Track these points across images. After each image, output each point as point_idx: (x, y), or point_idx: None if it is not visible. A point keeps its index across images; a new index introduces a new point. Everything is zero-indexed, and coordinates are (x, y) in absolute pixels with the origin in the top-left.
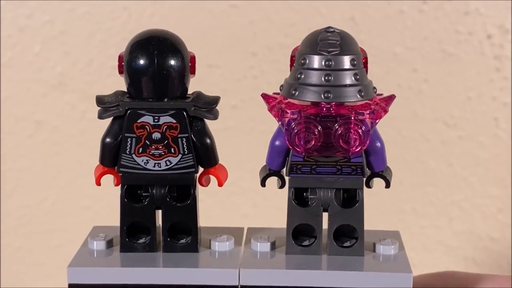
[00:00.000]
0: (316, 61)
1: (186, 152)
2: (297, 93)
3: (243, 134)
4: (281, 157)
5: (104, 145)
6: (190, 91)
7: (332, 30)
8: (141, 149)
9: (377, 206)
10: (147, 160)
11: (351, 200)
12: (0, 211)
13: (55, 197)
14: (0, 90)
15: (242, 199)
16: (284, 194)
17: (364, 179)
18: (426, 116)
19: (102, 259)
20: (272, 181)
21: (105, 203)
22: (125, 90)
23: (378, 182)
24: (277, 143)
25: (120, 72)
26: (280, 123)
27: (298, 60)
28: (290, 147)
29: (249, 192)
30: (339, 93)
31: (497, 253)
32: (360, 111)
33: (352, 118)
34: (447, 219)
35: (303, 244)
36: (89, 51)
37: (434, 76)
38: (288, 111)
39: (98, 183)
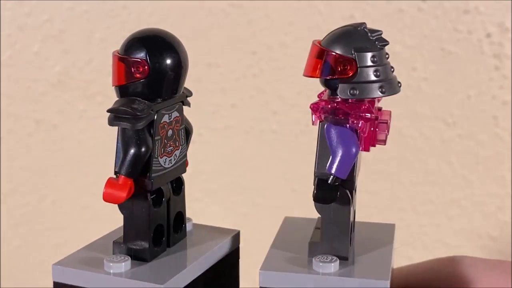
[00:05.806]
0: (383, 56)
1: (183, 142)
2: (384, 89)
3: (243, 133)
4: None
5: (140, 156)
6: (186, 90)
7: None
8: (162, 149)
9: (377, 205)
10: (165, 159)
11: None
12: (0, 209)
13: (54, 196)
14: (0, 88)
15: (241, 197)
16: (279, 192)
17: None
18: (426, 115)
19: (154, 274)
20: (271, 179)
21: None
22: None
23: (377, 181)
24: (355, 150)
25: (144, 77)
26: (361, 131)
27: (364, 60)
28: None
29: (249, 190)
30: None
31: (496, 251)
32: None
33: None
34: (447, 218)
35: None
36: (88, 49)
37: (433, 75)
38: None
39: (127, 197)
